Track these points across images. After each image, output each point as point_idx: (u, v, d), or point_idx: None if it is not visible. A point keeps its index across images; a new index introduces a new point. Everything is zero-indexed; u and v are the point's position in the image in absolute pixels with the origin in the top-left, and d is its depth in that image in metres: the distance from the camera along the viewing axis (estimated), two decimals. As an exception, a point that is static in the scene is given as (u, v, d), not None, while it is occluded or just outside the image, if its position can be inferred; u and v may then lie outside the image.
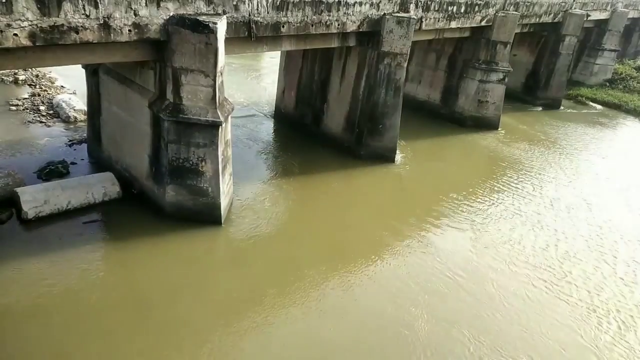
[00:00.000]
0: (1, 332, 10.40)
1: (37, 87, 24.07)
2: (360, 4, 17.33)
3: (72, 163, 17.34)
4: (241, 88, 28.58)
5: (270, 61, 33.37)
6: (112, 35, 11.59)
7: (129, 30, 11.85)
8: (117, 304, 11.51)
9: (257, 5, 14.33)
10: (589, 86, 36.95)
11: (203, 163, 14.02)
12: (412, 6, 19.43)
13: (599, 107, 34.15)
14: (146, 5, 11.91)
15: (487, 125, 26.17)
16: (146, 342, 10.62)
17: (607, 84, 37.58)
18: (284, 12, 15.10)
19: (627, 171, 23.45)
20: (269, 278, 12.95)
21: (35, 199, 13.92)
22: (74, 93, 23.46)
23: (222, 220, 14.79)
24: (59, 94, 23.36)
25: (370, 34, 18.82)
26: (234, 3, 13.76)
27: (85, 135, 18.95)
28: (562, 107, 32.36)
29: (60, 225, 13.94)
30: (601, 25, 36.89)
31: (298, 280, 13.01)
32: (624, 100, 34.29)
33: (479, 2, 22.96)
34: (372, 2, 17.76)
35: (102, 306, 11.39)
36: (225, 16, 13.43)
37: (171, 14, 12.45)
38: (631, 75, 38.16)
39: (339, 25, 16.99)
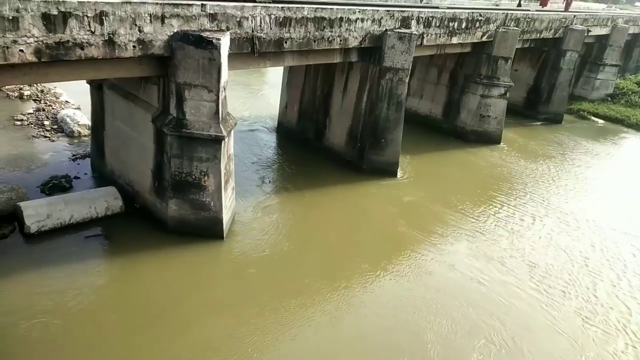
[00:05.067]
0: (4, 346, 10.35)
1: (42, 102, 24.25)
2: (362, 20, 17.52)
3: (76, 177, 17.40)
4: (244, 103, 28.78)
5: (274, 76, 33.60)
6: (116, 51, 11.73)
7: (134, 46, 11.99)
8: (119, 318, 11.47)
9: (260, 21, 14.51)
10: (590, 101, 37.03)
11: (205, 177, 14.06)
12: (413, 22, 19.62)
13: (600, 121, 34.20)
14: (150, 22, 12.07)
15: (489, 139, 26.21)
16: (146, 354, 10.57)
17: (609, 99, 37.67)
18: (286, 29, 15.27)
19: (634, 188, 23.41)
20: (271, 293, 12.89)
21: (38, 213, 13.95)
22: (78, 108, 23.61)
23: (225, 235, 14.79)
24: (63, 108, 23.52)
25: (372, 50, 18.97)
26: (238, 19, 13.93)
27: (88, 149, 19.05)
28: (563, 122, 32.39)
29: (62, 240, 13.96)
30: (602, 41, 37.12)
31: (300, 295, 12.94)
32: (625, 115, 34.33)
33: (479, 18, 23.16)
34: (374, 19, 17.95)
35: (104, 320, 11.35)
36: (228, 32, 13.59)
37: (175, 30, 12.61)
38: (633, 90, 38.25)
39: (341, 41, 17.16)
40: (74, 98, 24.86)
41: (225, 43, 13.02)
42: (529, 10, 29.81)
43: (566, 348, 12.25)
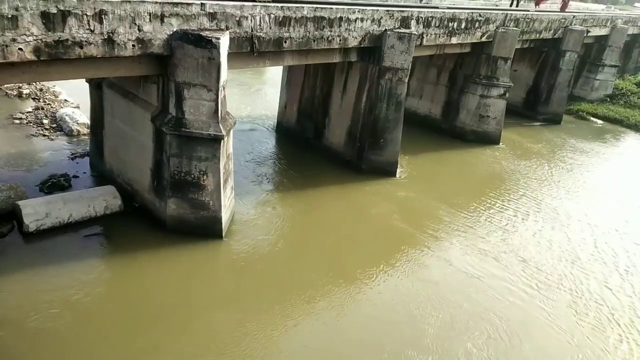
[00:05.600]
0: (1, 344, 10.35)
1: (41, 100, 24.23)
2: (362, 20, 17.52)
3: (75, 176, 17.39)
4: (243, 102, 28.77)
5: (273, 75, 33.61)
6: (116, 50, 11.72)
7: (133, 45, 11.99)
8: (117, 317, 11.46)
9: (260, 21, 14.51)
10: (589, 101, 37.07)
11: (205, 177, 14.06)
12: (413, 22, 19.63)
13: (600, 122, 34.24)
14: (150, 20, 12.06)
15: (488, 140, 26.22)
16: (149, 350, 10.57)
17: (608, 99, 37.71)
18: (286, 28, 15.27)
19: (630, 187, 23.45)
20: (270, 292, 12.90)
21: (36, 212, 13.94)
22: (77, 107, 23.60)
23: (224, 234, 14.78)
24: (62, 107, 23.50)
25: (372, 50, 18.98)
26: (237, 19, 13.93)
27: (87, 148, 19.03)
28: (562, 122, 32.42)
29: (61, 239, 13.94)
30: (601, 41, 37.15)
31: (299, 295, 12.94)
32: (625, 116, 34.37)
33: (479, 19, 23.18)
34: (374, 18, 17.95)
35: (102, 319, 11.34)
36: (228, 31, 13.59)
37: (174, 30, 12.60)
38: (632, 91, 38.30)
39: (340, 40, 17.16)
40: (73, 97, 24.86)
41: (224, 42, 13.02)
42: (528, 11, 29.85)
43: (560, 340, 12.43)
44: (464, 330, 12.39)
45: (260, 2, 14.80)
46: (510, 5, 34.53)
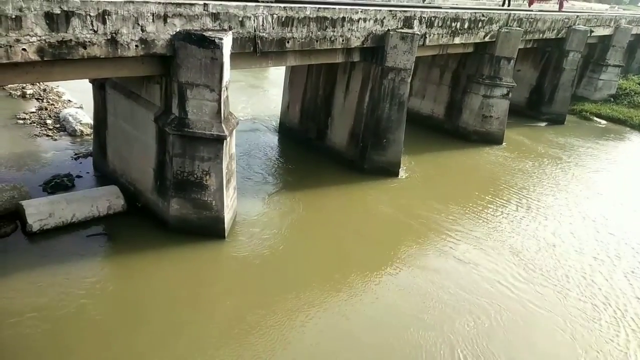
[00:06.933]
0: (4, 343, 10.38)
1: (44, 101, 24.31)
2: (365, 20, 17.51)
3: (78, 176, 17.44)
4: (246, 102, 28.80)
5: (276, 76, 33.64)
6: (119, 50, 11.75)
7: (136, 46, 12.01)
8: (120, 317, 11.50)
9: (263, 21, 14.52)
10: (593, 101, 36.97)
11: (207, 177, 14.07)
12: (415, 22, 19.61)
13: (603, 122, 34.14)
14: (153, 21, 12.09)
15: (491, 140, 26.18)
16: (145, 354, 10.59)
17: (612, 100, 37.60)
18: (289, 28, 15.27)
19: (632, 188, 23.38)
20: (271, 293, 12.90)
21: (40, 212, 13.98)
22: (81, 107, 23.65)
23: (226, 234, 14.80)
24: (65, 107, 23.58)
25: (374, 50, 18.97)
26: (240, 19, 13.94)
27: (91, 148, 19.07)
28: (566, 123, 32.32)
29: (64, 238, 13.98)
30: (605, 41, 37.04)
31: (301, 295, 12.94)
32: (628, 116, 34.26)
33: (482, 19, 23.14)
34: (376, 19, 17.94)
35: (104, 318, 11.38)
36: (230, 32, 13.61)
37: (177, 30, 12.62)
38: (635, 91, 38.18)
39: (343, 40, 17.15)
40: (76, 97, 24.92)
41: (227, 42, 13.04)
42: (531, 11, 29.79)
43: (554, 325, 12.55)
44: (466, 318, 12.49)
45: (263, 2, 14.81)
46: (502, 5, 34.45)
